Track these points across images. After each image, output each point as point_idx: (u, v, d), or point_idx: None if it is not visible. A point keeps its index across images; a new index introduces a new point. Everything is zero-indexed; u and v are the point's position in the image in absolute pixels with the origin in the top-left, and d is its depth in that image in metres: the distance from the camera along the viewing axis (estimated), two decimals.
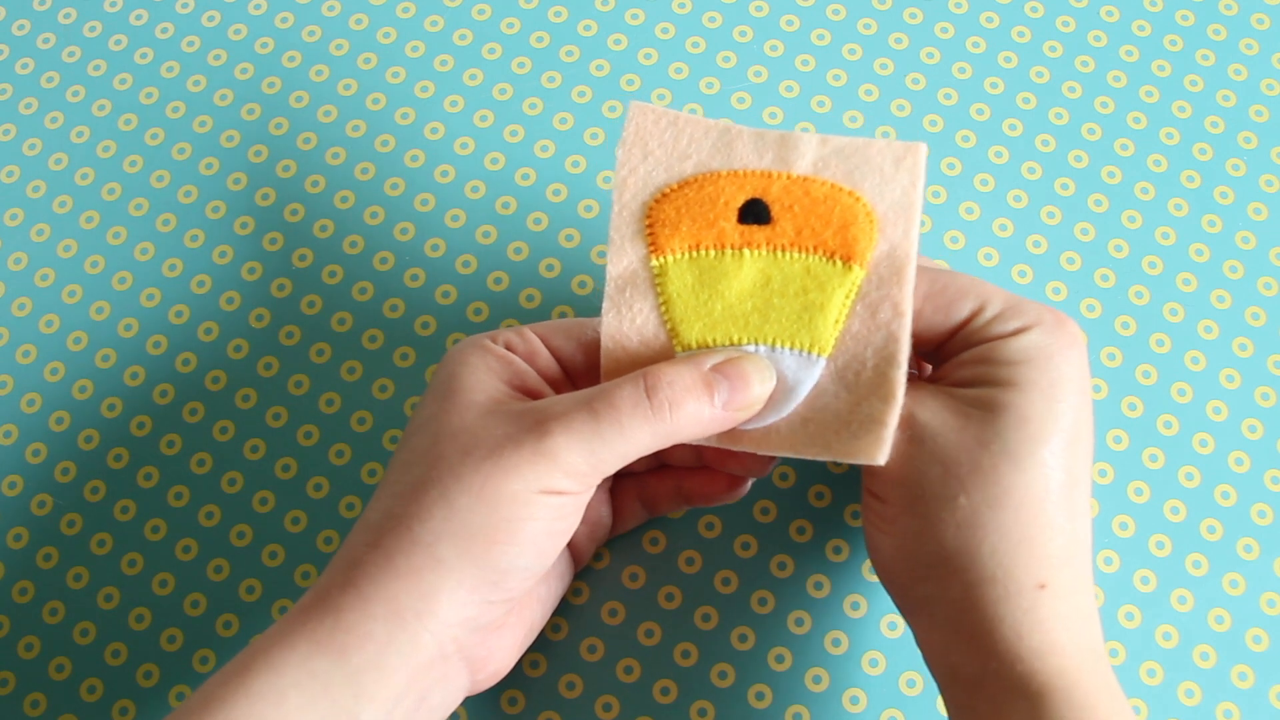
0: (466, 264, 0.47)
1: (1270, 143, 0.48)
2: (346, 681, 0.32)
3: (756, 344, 0.35)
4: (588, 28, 0.50)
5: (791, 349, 0.35)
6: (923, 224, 0.47)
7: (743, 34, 0.50)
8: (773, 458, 0.38)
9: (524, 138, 0.49)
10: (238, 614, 0.43)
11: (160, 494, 0.44)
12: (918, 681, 0.41)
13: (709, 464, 0.40)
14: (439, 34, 0.50)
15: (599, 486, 0.39)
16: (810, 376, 0.35)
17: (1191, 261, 0.47)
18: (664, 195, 0.36)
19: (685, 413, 0.33)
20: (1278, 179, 0.48)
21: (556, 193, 0.48)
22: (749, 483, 0.41)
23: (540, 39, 0.50)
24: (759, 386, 0.35)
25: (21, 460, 0.44)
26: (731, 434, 0.36)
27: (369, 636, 0.33)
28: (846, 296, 0.35)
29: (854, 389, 0.35)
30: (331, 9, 0.51)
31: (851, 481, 0.44)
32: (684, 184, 0.36)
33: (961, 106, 0.49)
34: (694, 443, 0.35)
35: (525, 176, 0.48)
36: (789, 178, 0.35)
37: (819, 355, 0.35)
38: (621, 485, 0.41)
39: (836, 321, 0.35)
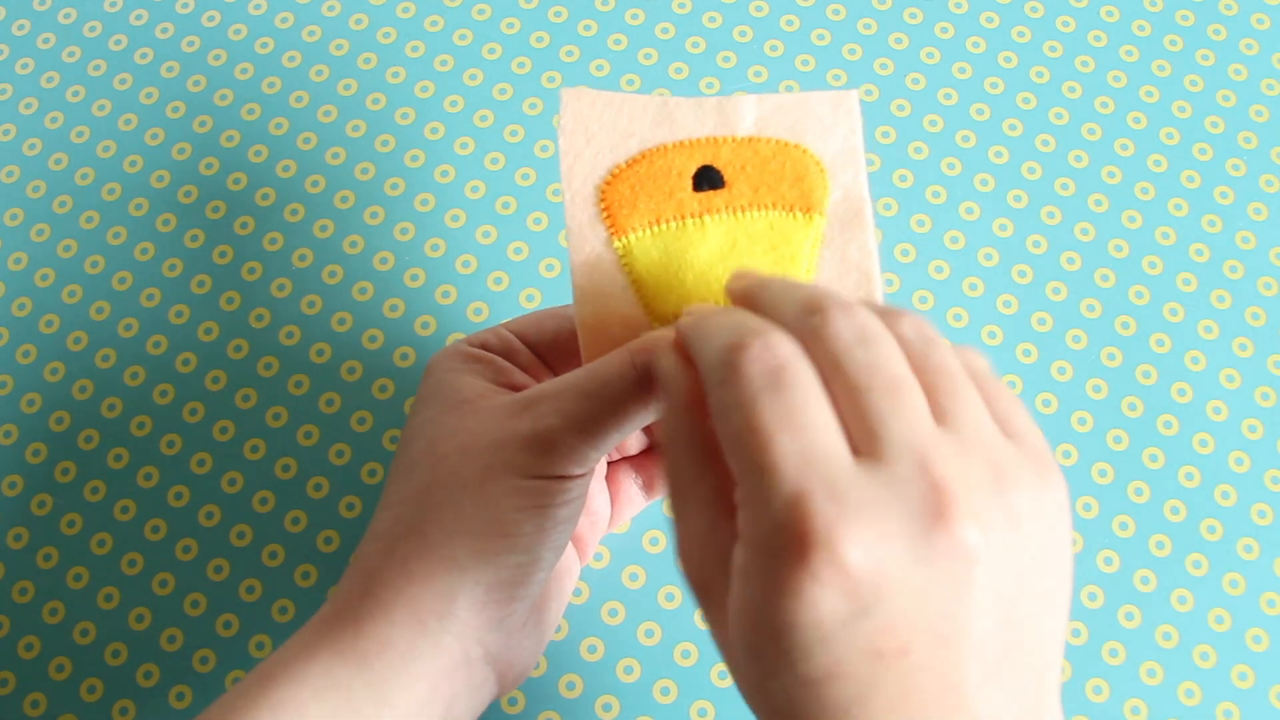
0: (466, 264, 0.47)
1: (1270, 143, 0.48)
2: (369, 689, 0.32)
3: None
4: (588, 28, 0.50)
5: None
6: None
7: (743, 34, 0.50)
8: None
9: (524, 138, 0.49)
10: (238, 614, 0.43)
11: (160, 494, 0.44)
12: None
13: None
14: (439, 34, 0.50)
15: (595, 475, 0.39)
16: None
17: (1191, 261, 0.47)
18: (615, 176, 0.36)
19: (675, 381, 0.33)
20: (1278, 179, 0.48)
21: (556, 193, 0.48)
22: None
23: (540, 39, 0.50)
24: None
25: (21, 460, 0.44)
26: None
27: (390, 643, 0.33)
28: (813, 245, 0.35)
29: None
30: (331, 9, 0.51)
31: None
32: (632, 161, 0.36)
33: (961, 106, 0.49)
34: None
35: (525, 176, 0.48)
36: (735, 140, 0.36)
37: None
38: (615, 470, 0.41)
39: (808, 270, 0.35)
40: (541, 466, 0.33)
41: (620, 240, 0.36)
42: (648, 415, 0.34)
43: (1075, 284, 0.46)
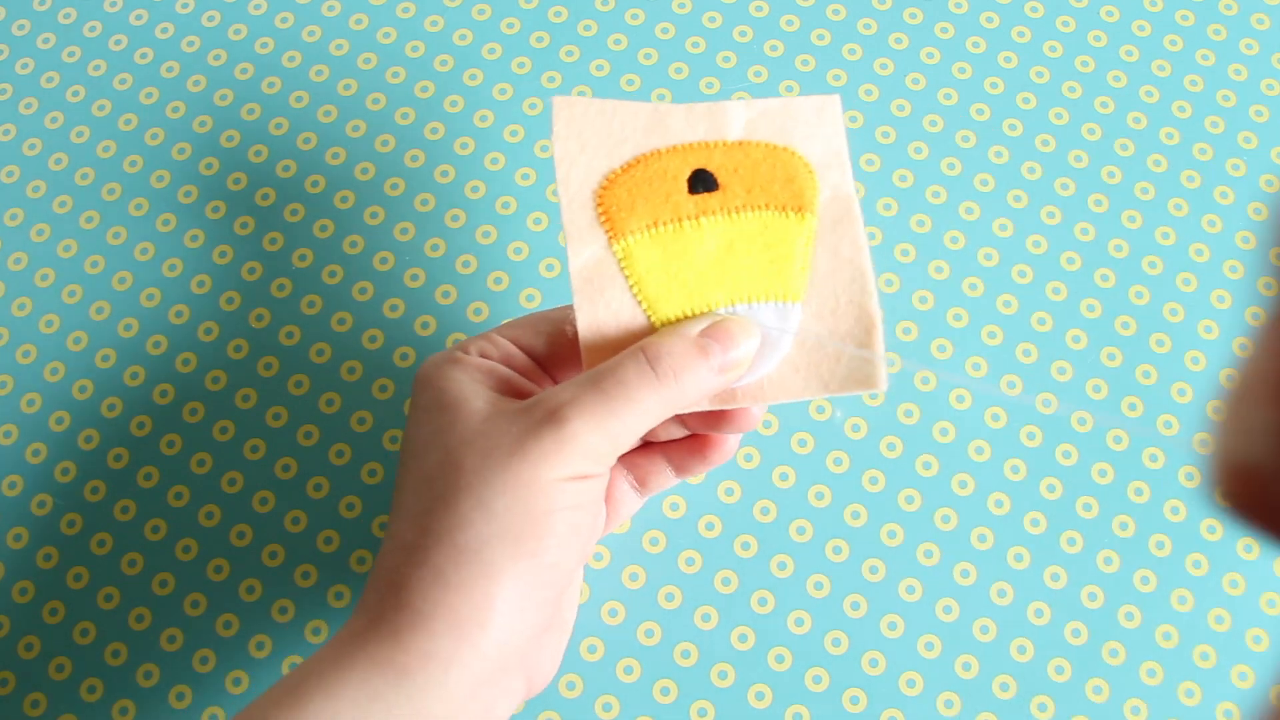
0: (466, 264, 0.47)
1: (1270, 143, 0.48)
2: (408, 701, 0.32)
3: (734, 304, 0.36)
4: (588, 28, 0.50)
5: (767, 302, 0.36)
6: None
7: (743, 34, 0.50)
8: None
9: (523, 138, 0.49)
10: (238, 614, 0.43)
11: (160, 494, 0.44)
12: (918, 681, 0.41)
13: (697, 432, 0.40)
14: (439, 34, 0.50)
15: None
16: (791, 324, 0.36)
17: (1191, 261, 0.47)
18: (610, 181, 0.37)
19: (689, 378, 0.34)
20: (1278, 179, 0.48)
21: (556, 193, 0.48)
22: (737, 441, 0.41)
23: (540, 39, 0.50)
24: (745, 343, 0.35)
25: (21, 460, 0.44)
26: (728, 393, 0.36)
27: (432, 655, 0.32)
28: (806, 243, 0.36)
29: (835, 326, 0.36)
30: (331, 9, 0.51)
31: (852, 481, 0.44)
32: (627, 166, 0.37)
33: (961, 106, 0.49)
34: (695, 409, 0.36)
35: (525, 176, 0.48)
36: (726, 144, 0.37)
37: (794, 302, 0.36)
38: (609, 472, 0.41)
39: (802, 267, 0.36)
40: (566, 467, 0.33)
41: (620, 243, 0.36)
42: (664, 413, 0.34)
43: (1075, 284, 0.46)
